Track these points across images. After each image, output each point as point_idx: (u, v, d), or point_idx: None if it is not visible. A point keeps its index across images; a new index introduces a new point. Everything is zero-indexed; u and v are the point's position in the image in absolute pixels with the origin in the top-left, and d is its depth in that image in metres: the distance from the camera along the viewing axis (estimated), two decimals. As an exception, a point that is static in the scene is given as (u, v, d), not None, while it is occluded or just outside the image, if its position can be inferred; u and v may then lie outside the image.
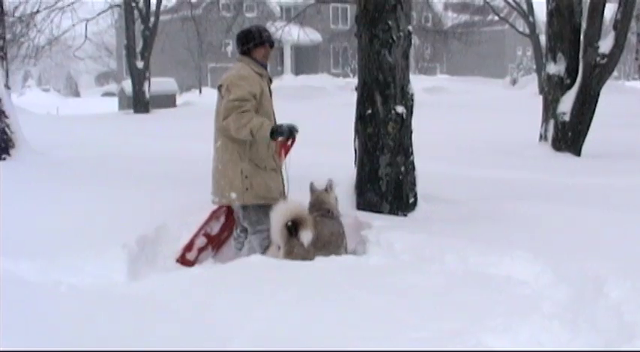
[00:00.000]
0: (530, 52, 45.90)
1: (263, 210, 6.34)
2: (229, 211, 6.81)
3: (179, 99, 36.78)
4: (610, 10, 13.97)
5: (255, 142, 6.28)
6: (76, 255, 5.93)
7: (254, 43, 6.50)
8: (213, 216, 6.83)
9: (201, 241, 6.76)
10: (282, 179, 6.57)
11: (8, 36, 27.87)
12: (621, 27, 12.51)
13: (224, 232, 6.95)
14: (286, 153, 6.63)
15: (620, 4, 12.62)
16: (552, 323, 4.37)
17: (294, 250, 5.90)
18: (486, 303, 4.66)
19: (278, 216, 5.87)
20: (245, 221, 6.49)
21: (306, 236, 5.87)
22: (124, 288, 5.31)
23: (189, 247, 6.66)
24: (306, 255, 5.87)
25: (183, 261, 6.60)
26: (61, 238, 6.29)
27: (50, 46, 32.96)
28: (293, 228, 5.87)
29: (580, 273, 5.10)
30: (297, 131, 6.31)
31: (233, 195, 6.34)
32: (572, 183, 9.19)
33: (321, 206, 6.52)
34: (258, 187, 6.35)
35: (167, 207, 7.16)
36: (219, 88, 6.39)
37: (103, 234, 6.46)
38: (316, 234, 5.99)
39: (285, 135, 6.25)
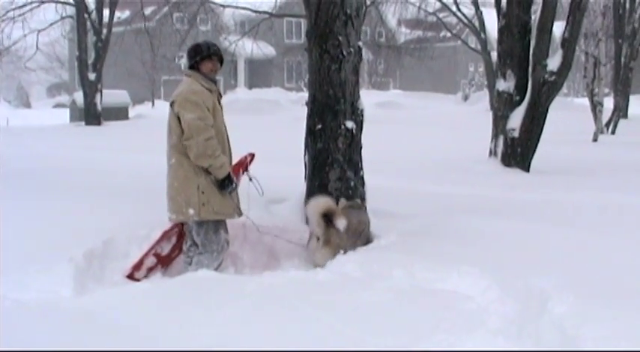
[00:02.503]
0: (482, 69, 46.39)
1: (216, 227, 6.41)
2: (181, 232, 6.78)
3: (131, 112, 36.49)
4: (559, 29, 14.17)
5: None
6: (21, 269, 5.84)
7: (201, 56, 6.47)
8: (165, 236, 6.76)
9: (150, 261, 6.66)
10: (237, 195, 6.58)
11: (-43, 46, 27.54)
12: (569, 45, 12.69)
13: (175, 251, 6.89)
14: (244, 171, 6.75)
15: (567, 23, 12.82)
16: (497, 338, 4.41)
17: (331, 238, 6.45)
18: (433, 319, 4.70)
19: (314, 210, 6.50)
20: (198, 238, 6.46)
21: (341, 223, 6.43)
22: (70, 303, 5.23)
23: (138, 266, 6.55)
24: (341, 241, 6.47)
25: (132, 278, 6.53)
26: (7, 252, 6.19)
27: (0, 56, 32.53)
28: (327, 219, 6.45)
29: (525, 289, 5.17)
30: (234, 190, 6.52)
31: (191, 211, 6.31)
32: (520, 199, 9.28)
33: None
34: (215, 202, 6.35)
35: (116, 220, 7.10)
36: (172, 104, 6.34)
37: (50, 248, 6.37)
38: (347, 222, 6.52)
39: (227, 191, 6.39)
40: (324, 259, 6.33)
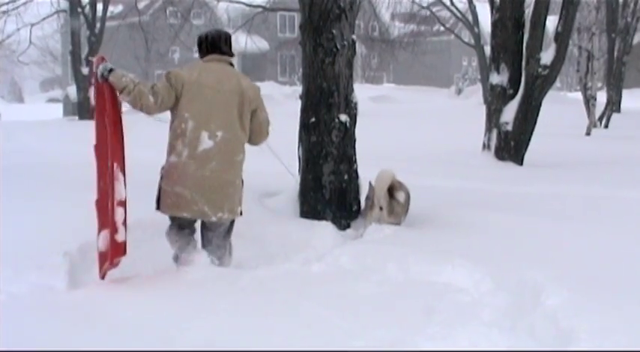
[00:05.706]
0: (475, 63, 46.37)
1: None
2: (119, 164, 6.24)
3: (124, 106, 36.38)
4: (552, 23, 14.19)
5: None
6: (16, 263, 5.82)
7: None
8: (113, 179, 6.10)
9: (120, 214, 5.86)
10: None
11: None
12: (562, 39, 12.71)
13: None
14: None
15: (560, 17, 12.83)
16: (491, 330, 4.43)
17: (395, 209, 7.20)
18: (426, 311, 4.72)
19: (382, 183, 7.16)
20: (227, 235, 6.06)
21: (401, 196, 7.24)
22: (65, 297, 5.23)
23: (114, 230, 5.76)
24: (401, 211, 7.25)
25: (119, 252, 5.73)
26: (1, 246, 6.18)
27: (-6, 50, 32.49)
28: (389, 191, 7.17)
29: (518, 281, 5.18)
30: None
31: (239, 209, 5.98)
32: (514, 192, 9.30)
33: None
34: None
35: (109, 214, 7.07)
36: (243, 93, 5.83)
37: (44, 242, 6.35)
38: (405, 195, 7.31)
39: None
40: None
